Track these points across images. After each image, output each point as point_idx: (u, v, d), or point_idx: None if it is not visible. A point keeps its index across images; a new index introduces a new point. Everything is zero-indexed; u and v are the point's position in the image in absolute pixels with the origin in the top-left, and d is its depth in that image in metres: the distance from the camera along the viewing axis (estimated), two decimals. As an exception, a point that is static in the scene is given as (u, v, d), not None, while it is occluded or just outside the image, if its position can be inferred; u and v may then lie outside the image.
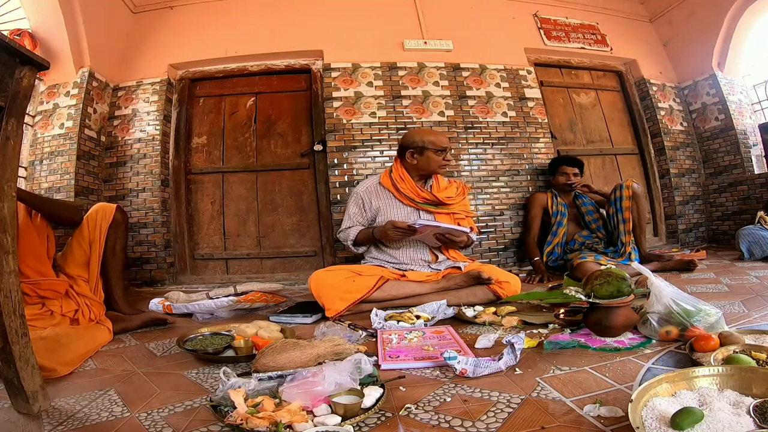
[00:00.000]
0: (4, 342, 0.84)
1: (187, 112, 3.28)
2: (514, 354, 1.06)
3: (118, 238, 1.83)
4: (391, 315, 1.62)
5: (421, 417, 0.82)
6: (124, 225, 1.86)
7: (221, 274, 3.14)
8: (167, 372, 1.18)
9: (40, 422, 0.86)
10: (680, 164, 3.72)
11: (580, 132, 3.65)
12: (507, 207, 3.18)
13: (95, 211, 1.79)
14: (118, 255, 1.84)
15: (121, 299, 1.85)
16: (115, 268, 1.83)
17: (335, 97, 3.13)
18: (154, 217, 2.99)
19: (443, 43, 3.34)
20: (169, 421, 0.85)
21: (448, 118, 3.20)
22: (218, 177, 3.22)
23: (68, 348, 1.25)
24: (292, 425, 0.76)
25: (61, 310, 1.53)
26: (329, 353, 1.05)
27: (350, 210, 2.18)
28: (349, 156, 3.05)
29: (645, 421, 0.69)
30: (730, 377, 0.80)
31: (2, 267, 0.83)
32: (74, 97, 2.91)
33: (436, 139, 2.12)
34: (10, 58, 0.82)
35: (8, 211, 0.85)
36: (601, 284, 1.20)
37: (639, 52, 3.83)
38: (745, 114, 3.75)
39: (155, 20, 3.32)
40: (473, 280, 1.92)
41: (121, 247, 1.86)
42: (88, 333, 1.44)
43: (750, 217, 3.15)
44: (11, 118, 0.84)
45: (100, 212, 1.79)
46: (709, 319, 1.16)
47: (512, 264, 3.12)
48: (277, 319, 1.76)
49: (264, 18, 3.30)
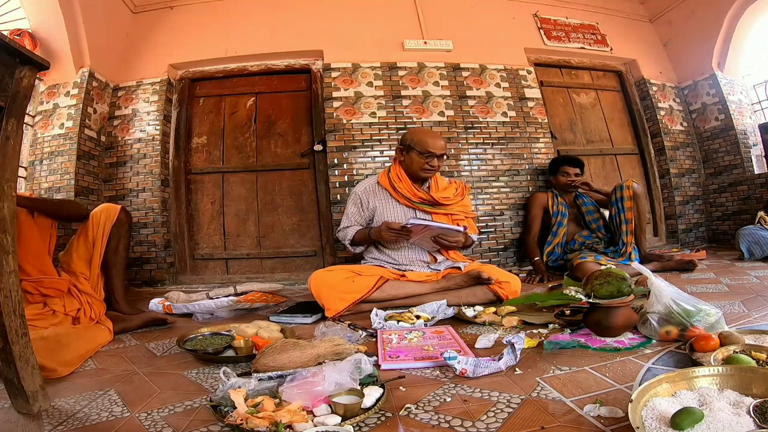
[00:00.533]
0: (4, 342, 0.84)
1: (187, 112, 3.28)
2: (514, 354, 1.06)
3: (122, 238, 1.85)
4: (391, 315, 1.62)
5: (421, 417, 0.82)
6: (128, 225, 1.88)
7: (221, 274, 3.14)
8: (167, 372, 1.18)
9: (40, 422, 0.86)
10: (680, 164, 3.72)
11: (580, 132, 3.65)
12: (507, 207, 3.18)
13: (100, 210, 1.82)
14: (120, 254, 1.86)
15: (121, 299, 1.85)
16: (117, 267, 1.85)
17: (335, 97, 3.13)
18: (154, 217, 2.99)
19: (443, 43, 3.34)
20: (169, 421, 0.85)
21: (448, 118, 3.20)
22: (218, 177, 3.22)
23: (69, 348, 1.25)
24: (292, 425, 0.76)
25: (63, 309, 1.53)
26: (329, 353, 1.05)
27: (349, 209, 2.18)
28: (349, 156, 3.05)
29: (645, 421, 0.69)
30: (730, 377, 0.80)
31: (2, 267, 0.83)
32: (74, 97, 2.91)
33: (423, 140, 2.05)
34: (10, 58, 0.82)
35: (8, 211, 0.85)
36: (601, 284, 1.20)
37: (639, 52, 3.83)
38: (745, 114, 3.75)
39: (155, 20, 3.32)
40: (473, 280, 1.92)
41: (123, 247, 1.88)
42: (88, 333, 1.44)
43: (750, 217, 3.15)
44: (11, 118, 0.84)
45: (104, 212, 1.81)
46: (709, 319, 1.16)
47: (512, 264, 3.12)
48: (277, 319, 1.76)
49: (264, 18, 3.30)
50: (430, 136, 2.10)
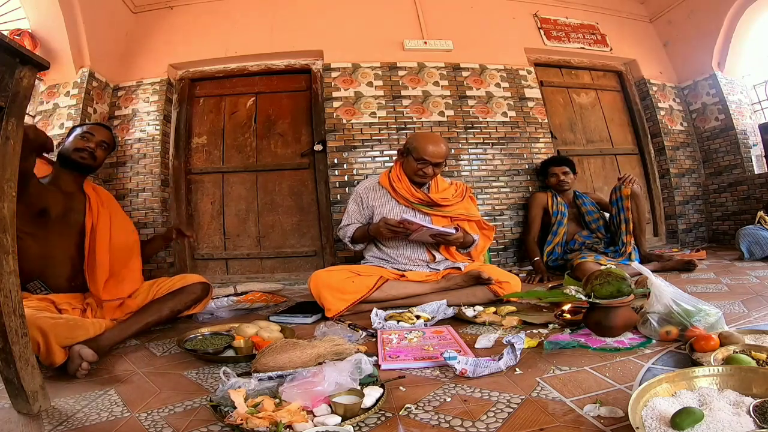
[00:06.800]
0: (4, 342, 0.84)
1: (187, 112, 3.28)
2: (514, 354, 1.06)
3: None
4: (391, 315, 1.62)
5: (421, 417, 0.82)
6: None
7: (221, 274, 3.14)
8: (167, 372, 1.18)
9: (40, 422, 0.86)
10: (680, 164, 3.72)
11: (580, 132, 3.65)
12: (507, 207, 3.18)
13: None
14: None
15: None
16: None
17: (335, 97, 3.13)
18: (154, 217, 2.99)
19: (443, 43, 3.34)
20: (169, 421, 0.85)
21: (448, 118, 3.20)
22: (218, 177, 3.22)
23: (87, 330, 1.28)
24: (292, 425, 0.76)
25: (69, 307, 1.52)
26: (329, 353, 1.05)
27: (350, 208, 2.20)
28: (349, 156, 3.05)
29: (645, 421, 0.70)
30: (730, 377, 0.80)
31: (2, 267, 0.84)
32: (74, 97, 2.91)
33: (421, 147, 2.02)
34: (10, 58, 0.82)
35: (8, 211, 0.85)
36: (601, 284, 1.20)
37: (639, 52, 3.83)
38: (745, 114, 3.75)
39: (155, 20, 3.32)
40: (473, 280, 1.92)
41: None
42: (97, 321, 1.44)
43: (750, 217, 3.15)
44: (11, 118, 0.84)
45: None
46: (709, 319, 1.17)
47: (512, 264, 3.12)
48: (277, 319, 1.76)
49: (264, 18, 3.30)
50: (432, 143, 2.05)
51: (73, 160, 1.67)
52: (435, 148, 2.03)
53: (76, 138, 1.71)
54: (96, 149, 1.71)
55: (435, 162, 2.04)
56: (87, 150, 1.68)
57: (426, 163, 2.03)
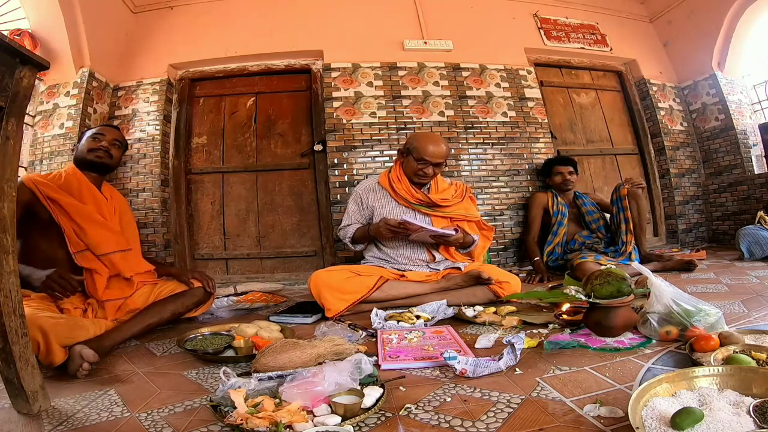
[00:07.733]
0: (4, 342, 0.84)
1: (187, 112, 3.28)
2: (514, 354, 1.06)
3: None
4: (391, 315, 1.62)
5: (421, 417, 0.82)
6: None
7: (221, 274, 3.14)
8: (167, 372, 1.18)
9: (40, 422, 0.86)
10: (680, 164, 3.72)
11: (580, 132, 3.65)
12: (507, 207, 3.18)
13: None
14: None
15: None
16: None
17: (335, 97, 3.13)
18: (154, 217, 2.99)
19: (443, 43, 3.34)
20: (169, 421, 0.85)
21: (448, 118, 3.20)
22: (218, 177, 3.22)
23: (88, 330, 1.30)
24: (292, 425, 0.76)
25: (71, 307, 1.52)
26: (329, 353, 1.05)
27: (350, 208, 2.19)
28: (349, 156, 3.05)
29: (645, 421, 0.69)
30: (730, 377, 0.80)
31: (2, 267, 0.83)
32: (74, 97, 2.91)
33: (421, 147, 2.01)
34: (10, 58, 0.82)
35: (8, 211, 0.85)
36: (601, 284, 1.20)
37: (639, 52, 3.83)
38: (745, 114, 3.75)
39: (155, 20, 3.32)
40: (473, 280, 1.92)
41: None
42: (98, 321, 1.45)
43: (750, 217, 3.15)
44: (11, 118, 0.84)
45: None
46: (709, 319, 1.16)
47: (512, 264, 3.12)
48: (277, 319, 1.76)
49: (264, 18, 3.30)
50: (432, 143, 2.03)
51: (89, 161, 1.71)
52: (435, 148, 2.02)
53: (88, 140, 1.75)
54: (110, 147, 1.75)
55: (435, 162, 2.03)
56: (101, 149, 1.72)
57: (426, 163, 2.03)
